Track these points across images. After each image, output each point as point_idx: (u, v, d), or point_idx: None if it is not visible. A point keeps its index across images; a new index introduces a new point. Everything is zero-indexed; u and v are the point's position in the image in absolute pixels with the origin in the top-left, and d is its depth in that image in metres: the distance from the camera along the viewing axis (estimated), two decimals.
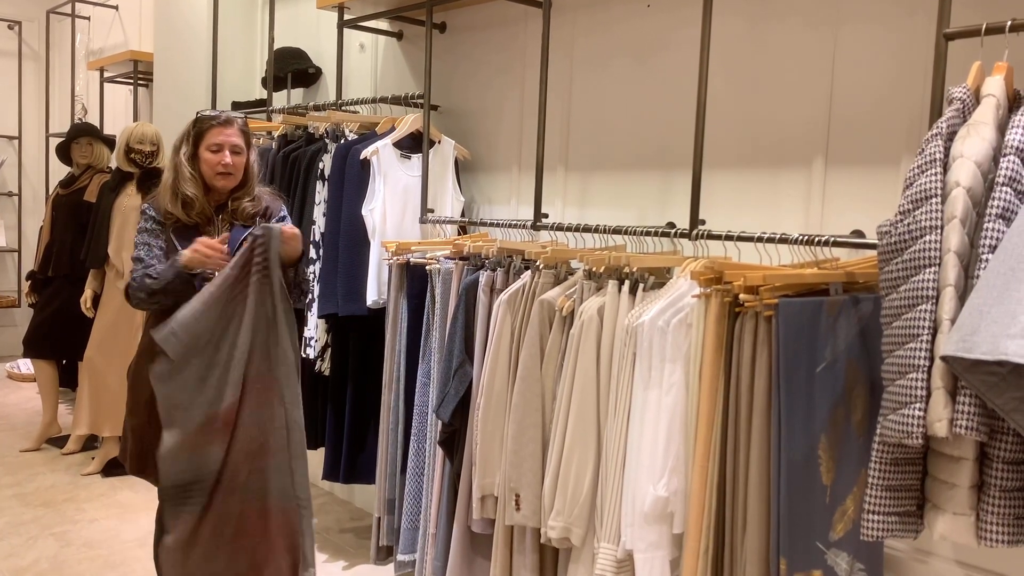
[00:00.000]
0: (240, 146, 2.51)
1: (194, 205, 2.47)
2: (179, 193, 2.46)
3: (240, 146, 2.51)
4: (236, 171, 2.51)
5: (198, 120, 2.50)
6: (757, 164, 2.52)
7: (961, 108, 1.61)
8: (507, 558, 2.48)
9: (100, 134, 4.82)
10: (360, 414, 3.26)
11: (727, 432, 1.93)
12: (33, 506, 3.82)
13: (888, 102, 2.22)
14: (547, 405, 2.38)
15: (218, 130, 2.46)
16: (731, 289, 1.89)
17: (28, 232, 6.83)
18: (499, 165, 3.36)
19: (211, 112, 2.53)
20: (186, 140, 2.49)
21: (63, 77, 6.61)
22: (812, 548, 1.87)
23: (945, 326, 1.47)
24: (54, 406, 4.73)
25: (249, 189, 2.57)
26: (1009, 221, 1.45)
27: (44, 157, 6.65)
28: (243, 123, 2.54)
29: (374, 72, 3.90)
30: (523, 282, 2.50)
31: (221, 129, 2.47)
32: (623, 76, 2.88)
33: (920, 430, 1.48)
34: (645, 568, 2.05)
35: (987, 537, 1.51)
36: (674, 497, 2.04)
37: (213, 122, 2.48)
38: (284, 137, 3.57)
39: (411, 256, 2.95)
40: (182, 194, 2.46)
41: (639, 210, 2.84)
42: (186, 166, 2.47)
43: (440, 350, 2.75)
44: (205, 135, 2.47)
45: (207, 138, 2.47)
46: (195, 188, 2.47)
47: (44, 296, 4.72)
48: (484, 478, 2.49)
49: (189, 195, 2.46)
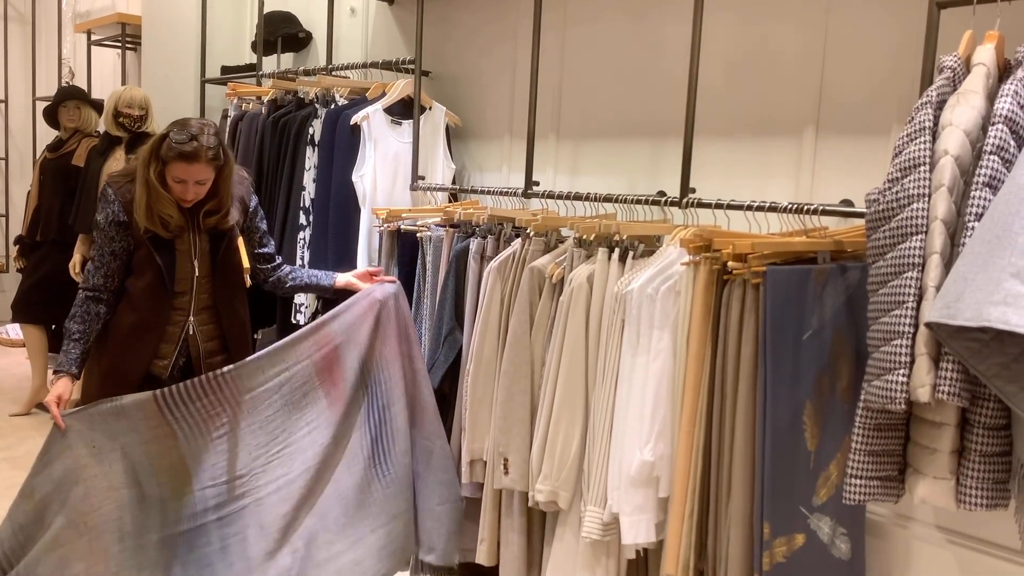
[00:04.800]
0: (206, 178, 2.32)
1: (170, 223, 2.34)
2: (155, 213, 2.31)
3: (206, 178, 2.32)
4: (201, 196, 2.37)
5: (166, 144, 2.26)
6: (748, 133, 2.52)
7: (951, 77, 1.62)
8: (495, 521, 2.51)
9: (88, 98, 4.77)
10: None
11: (713, 398, 1.95)
12: (23, 469, 3.78)
13: (880, 71, 2.22)
14: (536, 371, 2.39)
15: (182, 166, 2.26)
16: (720, 257, 1.91)
17: (15, 196, 6.77)
18: (490, 132, 3.34)
19: (180, 137, 2.25)
20: (154, 158, 2.29)
21: (50, 40, 6.52)
22: (795, 512, 1.90)
23: (930, 293, 1.48)
24: (43, 371, 4.72)
25: (219, 204, 2.41)
26: (996, 189, 1.46)
27: (31, 121, 6.58)
28: (213, 152, 2.28)
29: (365, 37, 3.87)
30: (513, 249, 2.50)
31: (186, 165, 2.26)
32: (616, 44, 2.86)
33: (903, 396, 1.50)
34: (631, 531, 2.08)
35: (966, 500, 1.54)
36: (660, 462, 2.07)
37: (177, 155, 2.24)
38: (274, 102, 3.55)
39: (402, 223, 2.95)
40: (159, 215, 2.31)
41: (630, 178, 2.84)
42: (158, 187, 2.29)
43: (430, 317, 2.76)
44: (169, 165, 2.27)
45: (170, 170, 2.28)
46: (171, 208, 2.32)
47: (32, 261, 4.70)
48: (473, 443, 2.51)
49: (165, 216, 2.32)
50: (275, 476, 2.36)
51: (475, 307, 2.58)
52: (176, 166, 2.27)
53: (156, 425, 2.26)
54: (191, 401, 2.30)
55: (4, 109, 6.89)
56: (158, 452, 2.27)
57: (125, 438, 2.24)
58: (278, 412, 2.39)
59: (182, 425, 2.29)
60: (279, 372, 2.40)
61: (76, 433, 2.21)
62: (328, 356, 2.44)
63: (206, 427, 2.31)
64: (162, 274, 2.36)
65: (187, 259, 2.41)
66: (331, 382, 2.43)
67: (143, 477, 2.25)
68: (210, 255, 2.45)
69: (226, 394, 2.34)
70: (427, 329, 2.78)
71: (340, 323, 2.46)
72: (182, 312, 2.43)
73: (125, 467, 2.23)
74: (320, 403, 2.43)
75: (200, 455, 2.30)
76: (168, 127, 2.32)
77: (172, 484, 2.28)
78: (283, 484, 2.36)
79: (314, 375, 2.43)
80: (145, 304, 2.39)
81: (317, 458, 2.39)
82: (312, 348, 2.43)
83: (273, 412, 2.39)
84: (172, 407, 2.28)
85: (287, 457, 2.38)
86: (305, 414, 2.41)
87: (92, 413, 2.23)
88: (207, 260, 2.45)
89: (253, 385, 2.37)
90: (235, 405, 2.34)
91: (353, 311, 2.48)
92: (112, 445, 2.22)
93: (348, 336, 2.45)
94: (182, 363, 2.48)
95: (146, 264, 2.37)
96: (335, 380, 2.43)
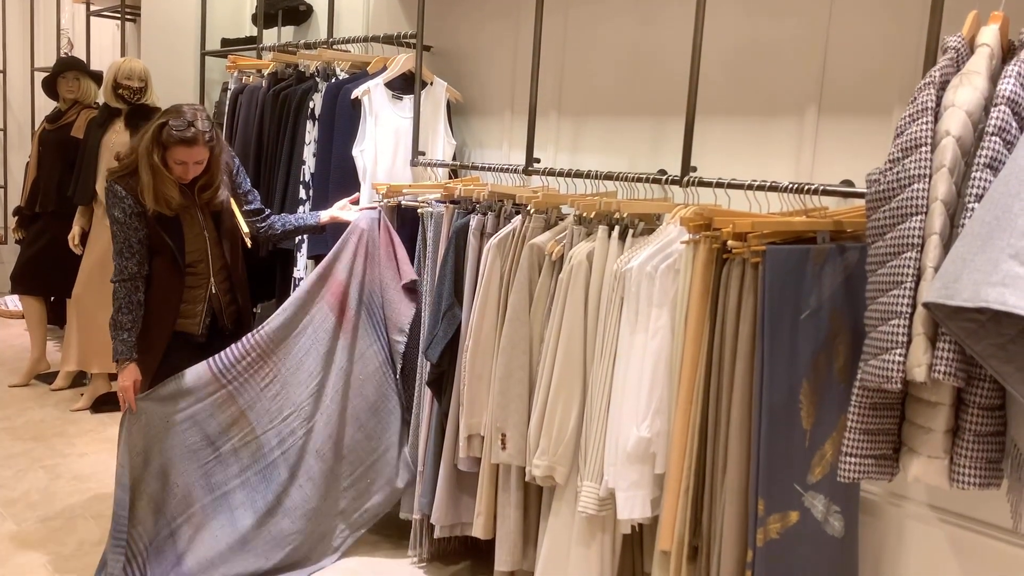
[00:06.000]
0: (204, 158, 2.59)
1: (172, 202, 2.58)
2: (161, 195, 2.54)
3: (204, 158, 2.59)
4: (198, 173, 2.62)
5: (165, 131, 2.50)
6: (750, 112, 2.51)
7: (955, 57, 1.61)
8: (492, 495, 2.54)
9: (87, 69, 4.73)
10: None
11: (710, 376, 1.96)
12: (23, 439, 3.85)
13: (882, 51, 2.21)
14: (534, 347, 2.40)
15: (183, 150, 2.51)
16: (719, 236, 1.91)
17: (14, 168, 6.75)
18: (491, 109, 3.33)
19: (178, 124, 2.50)
20: (156, 145, 2.52)
21: (48, 10, 6.46)
22: (790, 490, 1.92)
23: (929, 274, 1.49)
24: (42, 342, 4.73)
25: (211, 179, 2.66)
26: (997, 171, 1.46)
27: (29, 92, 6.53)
28: (209, 135, 2.56)
29: (366, 10, 3.84)
30: (513, 226, 2.50)
31: (187, 149, 2.52)
32: (619, 21, 2.85)
33: (900, 375, 1.51)
34: (626, 506, 2.10)
35: (959, 479, 1.55)
36: (656, 438, 2.09)
37: (179, 140, 2.50)
38: (274, 75, 3.53)
39: (402, 199, 2.94)
40: (164, 196, 2.55)
41: (631, 156, 2.84)
42: (163, 170, 2.53)
43: (430, 292, 2.77)
44: (170, 150, 2.52)
45: (172, 154, 2.52)
46: (173, 189, 2.57)
47: (31, 232, 4.69)
48: (471, 418, 2.53)
49: (169, 196, 2.56)
50: (318, 407, 2.77)
51: (475, 283, 2.58)
52: (178, 150, 2.52)
53: (215, 390, 2.65)
54: (237, 362, 2.68)
55: (2, 80, 6.85)
56: (222, 413, 2.67)
57: (192, 408, 2.63)
58: (308, 353, 2.77)
59: (235, 384, 2.68)
60: (302, 319, 2.77)
61: (150, 413, 2.59)
62: (336, 294, 2.81)
63: (255, 380, 2.70)
64: (173, 250, 2.61)
65: (197, 232, 2.68)
66: (343, 314, 2.82)
67: (216, 438, 2.67)
68: (215, 224, 2.73)
69: (264, 349, 2.71)
70: (427, 304, 2.79)
71: (341, 263, 2.82)
72: (203, 277, 2.70)
73: (198, 433, 2.64)
74: (337, 334, 2.81)
75: (255, 404, 2.71)
76: (162, 115, 2.55)
77: (240, 435, 2.69)
78: (324, 410, 2.77)
79: (329, 313, 2.80)
80: (165, 278, 2.64)
81: (341, 381, 2.80)
82: (324, 291, 2.80)
83: (303, 354, 2.76)
84: (224, 371, 2.66)
85: (322, 387, 2.78)
86: (329, 348, 2.79)
87: (161, 394, 2.59)
88: (213, 229, 2.72)
89: (285, 335, 2.74)
90: (273, 356, 2.73)
91: (348, 248, 2.83)
92: (183, 416, 2.61)
93: (349, 271, 2.82)
94: (209, 320, 2.75)
95: (160, 244, 2.61)
96: (346, 312, 2.82)
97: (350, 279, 2.82)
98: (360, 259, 2.84)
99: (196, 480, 2.64)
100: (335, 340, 2.80)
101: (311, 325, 2.77)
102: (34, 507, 3.17)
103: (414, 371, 2.87)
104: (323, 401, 2.77)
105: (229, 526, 2.66)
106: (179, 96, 4.52)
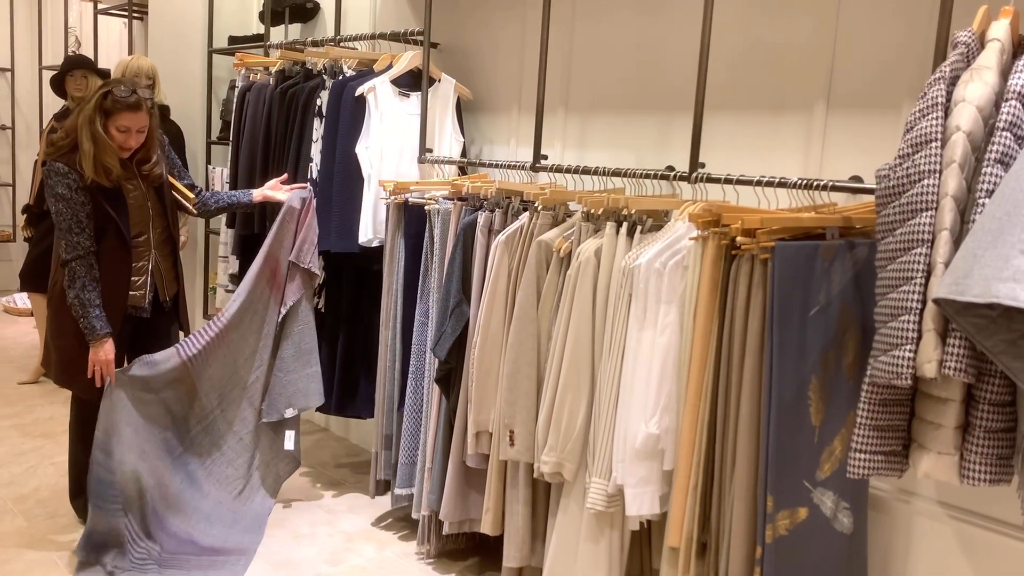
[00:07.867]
0: (145, 125, 2.67)
1: (112, 172, 2.64)
2: (100, 164, 2.60)
3: (145, 125, 2.67)
4: (140, 143, 2.71)
5: (109, 97, 2.59)
6: (758, 108, 2.51)
7: (965, 52, 1.61)
8: (500, 492, 2.54)
9: (95, 67, 4.73)
10: (352, 347, 3.33)
11: (719, 372, 1.96)
12: (32, 436, 3.87)
13: (892, 46, 2.20)
14: (542, 344, 2.41)
15: (128, 115, 2.60)
16: (728, 232, 1.91)
17: (22, 166, 6.78)
18: (499, 105, 3.33)
19: (122, 91, 2.60)
20: (98, 111, 2.59)
21: (56, 8, 6.49)
22: (799, 486, 1.92)
23: (939, 269, 1.48)
24: None
25: (149, 151, 2.75)
26: (1007, 166, 1.46)
27: (37, 90, 6.56)
28: (150, 103, 2.67)
29: (373, 7, 3.84)
30: (521, 223, 2.50)
31: (131, 114, 2.60)
32: (626, 16, 2.84)
33: (910, 371, 1.50)
34: (635, 502, 2.10)
35: (969, 476, 1.55)
36: (665, 435, 2.09)
37: (124, 106, 2.58)
38: (281, 73, 3.53)
39: (409, 196, 2.95)
40: (103, 164, 2.60)
41: (638, 153, 2.83)
42: (105, 138, 2.60)
43: (438, 290, 2.77)
44: (114, 116, 2.60)
45: (116, 119, 2.60)
46: (113, 159, 2.63)
47: (40, 230, 4.68)
48: (479, 414, 2.53)
49: (110, 165, 2.62)
50: (253, 365, 3.05)
51: (482, 280, 2.59)
52: (122, 116, 2.60)
53: (178, 369, 2.85)
54: (199, 342, 2.88)
55: (11, 78, 6.88)
56: (181, 387, 2.89)
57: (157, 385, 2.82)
58: (251, 323, 3.01)
59: (195, 362, 2.88)
60: (253, 299, 2.99)
61: (123, 387, 2.75)
62: (273, 269, 3.03)
63: (211, 357, 2.92)
64: (119, 224, 2.68)
65: (140, 205, 2.75)
66: (276, 286, 3.05)
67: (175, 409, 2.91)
68: (157, 198, 2.82)
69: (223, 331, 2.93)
70: (435, 301, 2.79)
71: (278, 242, 3.01)
72: (145, 248, 2.79)
73: (162, 408, 2.87)
74: (271, 302, 3.06)
75: (202, 373, 2.92)
76: (104, 85, 2.65)
77: (188, 401, 2.93)
78: (257, 365, 3.05)
79: (267, 287, 3.03)
80: (113, 253, 2.70)
81: (271, 336, 3.07)
82: (267, 272, 3.01)
83: (247, 325, 3.00)
84: (188, 350, 2.86)
85: (260, 350, 3.06)
86: (266, 315, 3.05)
87: (132, 374, 2.76)
88: (157, 202, 2.82)
89: (243, 318, 2.98)
90: (228, 334, 2.95)
91: (283, 227, 3.02)
92: (151, 396, 2.82)
93: (283, 248, 3.02)
94: (152, 294, 2.84)
95: (105, 218, 2.66)
96: (279, 283, 3.05)
97: (281, 255, 3.03)
98: (290, 236, 3.03)
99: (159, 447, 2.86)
100: (267, 310, 3.05)
101: (259, 302, 3.01)
102: (44, 504, 3.18)
103: (422, 368, 2.87)
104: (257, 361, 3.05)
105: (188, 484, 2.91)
106: (187, 94, 4.54)
